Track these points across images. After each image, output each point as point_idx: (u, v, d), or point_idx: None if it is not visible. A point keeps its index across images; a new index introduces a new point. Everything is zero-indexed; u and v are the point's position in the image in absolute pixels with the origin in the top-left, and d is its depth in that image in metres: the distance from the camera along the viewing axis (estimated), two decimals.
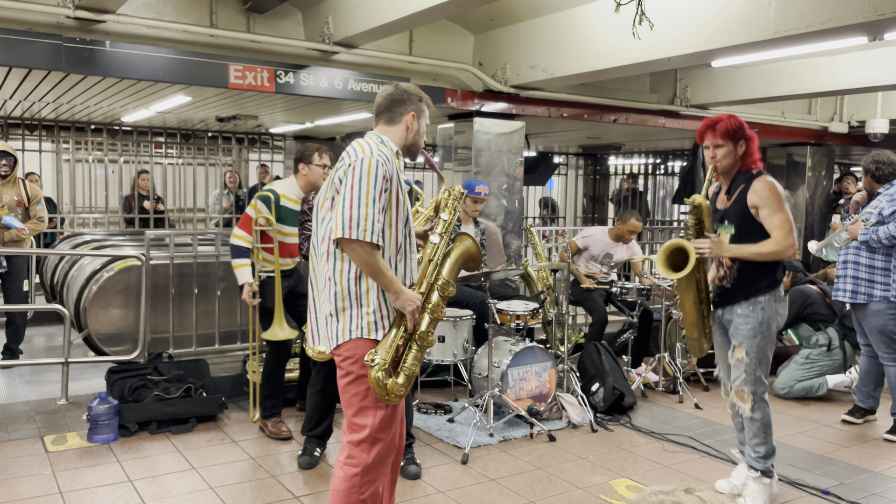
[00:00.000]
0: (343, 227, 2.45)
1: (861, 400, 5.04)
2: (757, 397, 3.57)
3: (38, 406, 4.94)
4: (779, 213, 3.39)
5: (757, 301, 3.50)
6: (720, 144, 3.49)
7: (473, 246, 2.88)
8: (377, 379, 2.49)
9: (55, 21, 4.73)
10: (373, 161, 2.50)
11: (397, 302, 2.56)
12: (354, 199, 2.45)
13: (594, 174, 13.04)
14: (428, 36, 6.18)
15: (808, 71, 6.48)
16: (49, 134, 8.86)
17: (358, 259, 2.49)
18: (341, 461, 2.59)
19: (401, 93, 2.75)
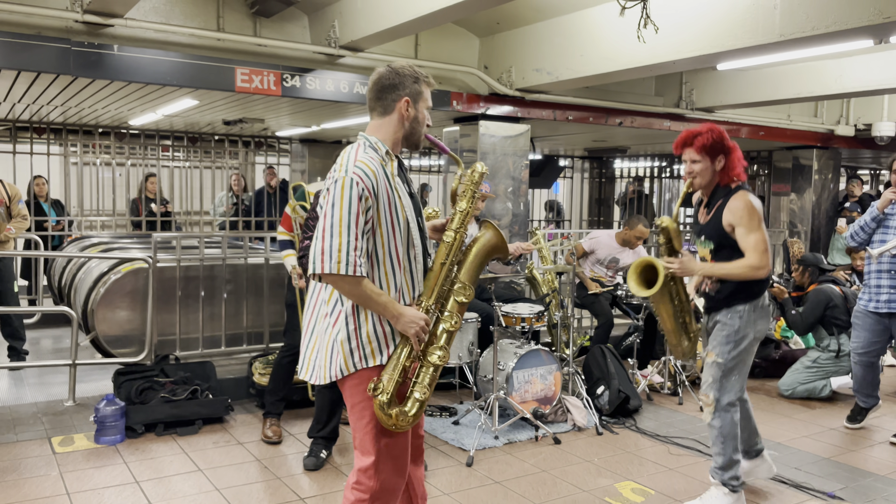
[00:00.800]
0: (314, 261, 2.23)
1: (862, 400, 4.98)
2: (720, 405, 3.51)
3: (45, 407, 4.97)
4: (753, 233, 3.33)
5: (736, 310, 3.47)
6: (697, 160, 3.43)
7: (496, 236, 2.51)
8: (381, 409, 2.29)
9: (64, 25, 4.77)
10: (346, 181, 2.22)
11: (398, 325, 2.32)
12: (326, 228, 2.22)
13: (600, 177, 13.04)
14: (433, 39, 6.21)
15: (814, 74, 6.47)
16: (57, 137, 8.91)
17: (341, 291, 2.30)
18: (350, 484, 2.44)
19: (391, 75, 2.40)
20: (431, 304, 2.39)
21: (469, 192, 2.51)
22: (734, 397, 3.52)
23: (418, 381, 2.36)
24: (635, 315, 5.97)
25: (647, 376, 5.69)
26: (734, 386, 3.52)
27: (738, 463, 3.54)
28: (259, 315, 5.88)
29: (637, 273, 3.57)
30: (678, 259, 3.46)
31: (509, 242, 6.36)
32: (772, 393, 5.81)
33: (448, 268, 2.43)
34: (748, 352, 3.51)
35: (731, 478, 3.54)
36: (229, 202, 9.84)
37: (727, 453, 3.53)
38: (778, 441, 4.69)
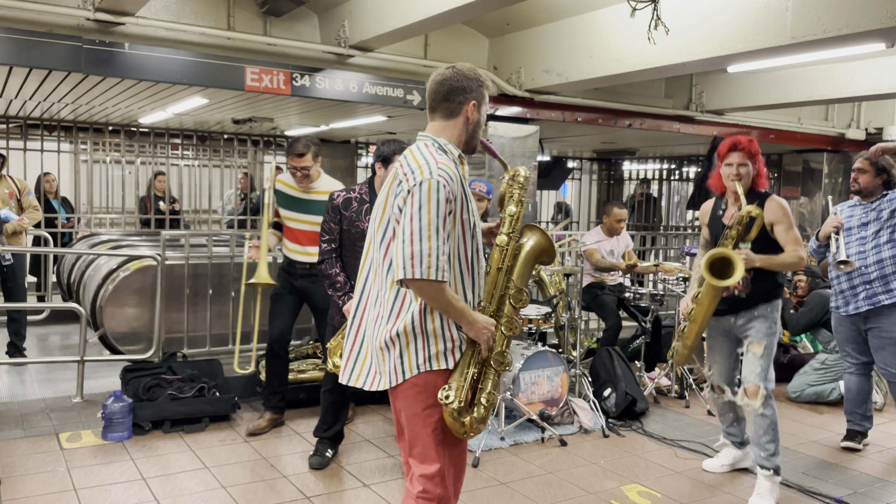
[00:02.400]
0: (404, 266, 2.17)
1: (856, 423, 4.67)
2: (767, 393, 3.77)
3: (53, 403, 4.99)
4: (792, 230, 3.73)
5: (773, 304, 3.81)
6: (745, 164, 3.77)
7: (543, 238, 2.49)
8: (454, 417, 2.26)
9: (75, 23, 4.79)
10: (432, 184, 2.18)
11: (471, 332, 2.28)
12: (415, 232, 2.17)
13: (608, 179, 13.01)
14: (443, 40, 6.21)
15: (826, 77, 6.44)
16: (67, 135, 8.95)
17: (424, 297, 2.23)
18: (414, 493, 2.35)
19: (460, 77, 2.36)
20: (493, 310, 2.38)
21: (517, 196, 2.49)
22: (773, 386, 3.82)
23: (483, 388, 2.34)
24: (643, 318, 5.95)
25: (654, 379, 5.67)
26: (773, 374, 3.82)
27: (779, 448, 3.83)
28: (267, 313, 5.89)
29: (706, 265, 3.65)
30: (743, 251, 3.69)
31: None
32: (780, 397, 5.78)
33: (504, 271, 2.42)
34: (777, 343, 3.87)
35: (779, 463, 3.79)
36: (237, 200, 9.86)
37: (777, 439, 3.79)
38: (786, 445, 4.66)
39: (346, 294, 3.79)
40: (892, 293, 4.32)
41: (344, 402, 4.13)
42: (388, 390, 2.38)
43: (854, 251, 4.41)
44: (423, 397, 2.31)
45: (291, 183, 4.47)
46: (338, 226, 3.88)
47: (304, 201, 4.46)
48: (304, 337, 5.99)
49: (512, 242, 2.43)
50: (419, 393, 2.31)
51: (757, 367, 3.76)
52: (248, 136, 10.03)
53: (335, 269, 3.86)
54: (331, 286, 3.87)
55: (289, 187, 4.48)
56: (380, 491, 3.78)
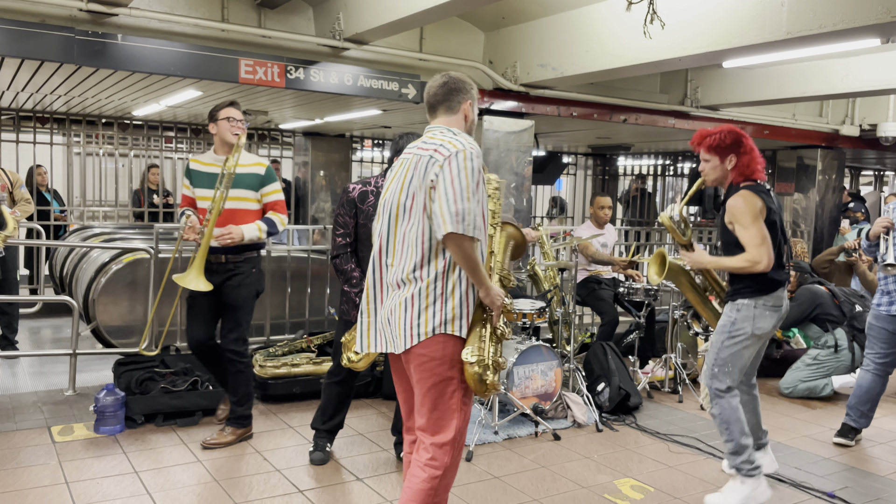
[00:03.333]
0: (452, 221, 2.40)
1: (854, 419, 4.63)
2: (712, 393, 3.65)
3: (45, 397, 4.97)
4: (748, 229, 3.48)
5: (736, 303, 3.62)
6: (707, 159, 3.65)
7: (517, 232, 2.82)
8: (479, 375, 2.45)
9: (68, 14, 4.76)
10: (468, 154, 2.47)
11: (487, 297, 2.52)
12: (458, 192, 2.41)
13: (603, 174, 13.01)
14: (438, 33, 6.18)
15: (820, 73, 6.44)
16: (60, 127, 8.90)
17: (461, 253, 2.44)
18: (422, 461, 2.52)
19: (456, 81, 2.71)
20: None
21: (496, 197, 2.81)
22: (722, 386, 3.64)
23: (497, 352, 2.54)
24: (637, 312, 5.96)
25: (647, 374, 5.68)
26: (726, 377, 3.63)
27: (747, 447, 3.59)
28: (260, 307, 5.87)
29: (656, 264, 3.94)
30: (689, 252, 3.71)
31: None
32: (772, 392, 5.80)
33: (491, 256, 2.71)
34: (745, 346, 3.61)
35: (744, 462, 3.59)
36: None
37: (734, 438, 3.60)
38: (778, 440, 4.68)
39: (363, 290, 3.77)
40: None
41: (349, 395, 4.07)
42: (401, 354, 2.56)
43: None
44: (442, 363, 2.50)
45: (209, 160, 4.11)
46: (353, 220, 3.81)
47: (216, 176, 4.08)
48: (297, 331, 5.99)
49: (497, 232, 2.75)
50: (437, 358, 2.49)
51: (705, 365, 3.71)
52: None
53: (350, 265, 3.80)
54: (346, 282, 3.83)
55: (207, 165, 4.10)
56: (373, 485, 3.77)
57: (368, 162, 11.32)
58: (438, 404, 2.52)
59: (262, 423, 4.64)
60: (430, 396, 2.52)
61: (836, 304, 5.72)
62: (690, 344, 6.01)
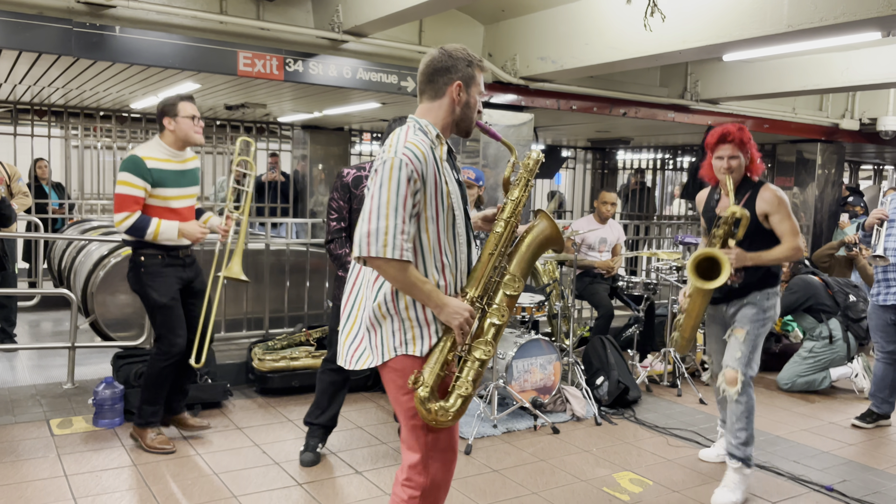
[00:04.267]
0: (360, 243, 2.15)
1: (876, 405, 4.89)
2: (746, 380, 3.68)
3: (44, 390, 4.97)
4: (788, 220, 3.62)
5: (766, 292, 3.71)
6: (736, 156, 3.68)
7: (550, 226, 2.40)
8: (421, 403, 2.21)
9: (65, 6, 4.73)
10: (395, 162, 2.15)
11: (441, 316, 2.22)
12: (373, 209, 2.14)
13: (602, 168, 12.99)
14: (438, 26, 6.15)
15: (821, 66, 6.42)
16: (58, 120, 8.87)
17: (384, 276, 2.20)
18: (400, 480, 2.36)
19: (444, 58, 2.33)
20: (476, 296, 2.29)
21: (523, 180, 2.43)
22: (755, 373, 3.72)
23: (461, 376, 2.26)
24: (636, 306, 5.96)
25: (646, 367, 5.68)
26: (757, 362, 3.72)
27: (754, 438, 3.72)
28: (259, 300, 5.87)
29: (693, 266, 3.61)
30: (733, 250, 3.59)
31: None
32: (771, 386, 5.80)
33: (497, 259, 2.34)
34: (766, 332, 3.74)
35: (751, 452, 3.70)
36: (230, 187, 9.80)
37: (750, 429, 3.70)
38: (777, 434, 4.69)
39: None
40: None
41: (342, 385, 3.98)
42: None
43: (892, 246, 4.56)
44: (401, 382, 2.28)
45: (165, 156, 3.89)
46: (347, 204, 3.80)
47: (184, 173, 3.98)
48: (296, 324, 5.98)
49: (508, 229, 2.37)
50: (397, 378, 2.29)
51: (737, 352, 3.67)
52: (241, 123, 9.95)
53: (345, 250, 3.79)
54: (340, 267, 3.80)
55: (165, 161, 3.88)
56: (372, 478, 3.77)
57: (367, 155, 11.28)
58: (405, 417, 2.33)
59: (260, 417, 4.64)
60: (399, 407, 2.34)
61: (829, 294, 5.74)
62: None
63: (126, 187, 3.78)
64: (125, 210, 3.77)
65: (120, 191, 3.78)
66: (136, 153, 3.84)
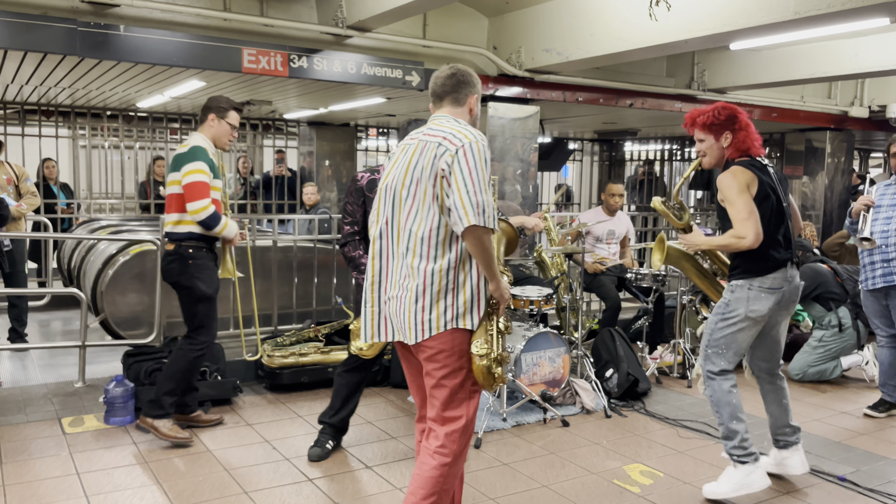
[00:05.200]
0: (473, 214, 2.38)
1: (888, 394, 4.85)
2: (705, 375, 3.59)
3: (55, 389, 5.00)
4: (734, 203, 3.32)
5: (731, 284, 3.52)
6: (701, 139, 3.53)
7: (509, 229, 2.88)
8: (487, 368, 2.48)
9: (70, 5, 4.74)
10: (481, 146, 2.47)
11: (497, 290, 2.53)
12: (476, 184, 2.40)
13: (609, 160, 12.94)
14: (442, 19, 6.14)
15: (829, 54, 6.37)
16: (65, 120, 8.90)
17: (480, 246, 2.43)
18: (432, 449, 2.56)
19: (465, 74, 2.69)
20: None
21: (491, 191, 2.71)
22: (715, 368, 3.54)
23: (501, 345, 2.56)
24: (644, 298, 5.93)
25: (656, 359, 5.66)
26: (719, 358, 3.53)
27: (738, 433, 3.49)
28: (268, 297, 5.88)
29: (659, 249, 3.94)
30: (685, 234, 3.64)
31: None
32: None
33: None
34: (740, 329, 3.48)
35: (734, 447, 3.50)
36: (237, 185, 9.83)
37: (724, 422, 3.52)
38: None
39: (357, 269, 3.78)
40: None
41: (357, 388, 4.00)
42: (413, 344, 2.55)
43: (879, 229, 4.56)
44: (451, 353, 2.50)
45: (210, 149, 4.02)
46: (361, 208, 3.84)
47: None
48: (305, 320, 5.99)
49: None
50: (448, 350, 2.50)
51: (700, 346, 3.69)
52: (247, 120, 9.97)
53: (359, 252, 3.85)
54: (355, 269, 3.88)
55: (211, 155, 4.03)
56: (382, 473, 3.78)
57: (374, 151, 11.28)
58: (449, 394, 2.54)
59: (270, 413, 4.66)
60: (441, 386, 2.54)
61: (838, 282, 5.70)
62: (699, 329, 5.98)
63: (201, 175, 3.86)
64: (204, 197, 3.85)
65: (196, 178, 3.85)
66: (198, 144, 3.94)
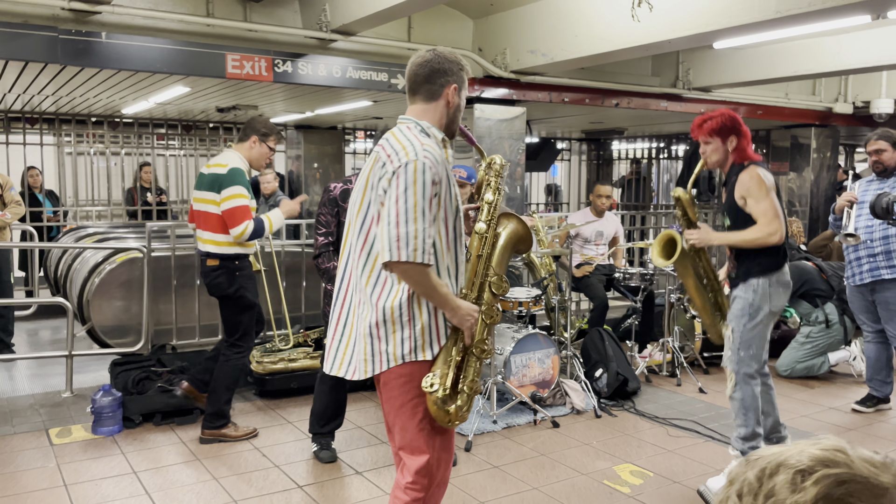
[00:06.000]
0: (390, 248, 2.13)
1: (875, 389, 4.90)
2: (739, 377, 3.62)
3: (42, 399, 4.96)
4: (763, 201, 3.45)
5: (750, 283, 3.57)
6: (708, 142, 3.63)
7: (520, 226, 2.47)
8: (438, 406, 2.23)
9: (50, 13, 4.71)
10: (418, 166, 2.15)
11: (455, 319, 2.25)
12: (401, 214, 2.13)
13: (597, 159, 12.98)
14: (427, 22, 6.13)
15: (812, 51, 6.40)
16: (50, 127, 8.85)
17: (409, 281, 2.19)
18: (402, 485, 2.33)
19: (441, 59, 2.34)
20: (473, 298, 2.35)
21: (494, 184, 2.46)
22: (752, 370, 3.62)
23: (465, 376, 2.30)
24: (633, 297, 5.95)
25: (645, 358, 5.67)
26: (752, 359, 3.62)
27: (759, 436, 3.63)
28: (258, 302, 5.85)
29: (660, 246, 3.77)
30: (696, 229, 3.64)
31: None
32: (771, 373, 5.79)
33: (484, 258, 2.39)
34: (764, 325, 3.60)
35: (752, 448, 3.60)
36: None
37: (750, 424, 3.62)
38: None
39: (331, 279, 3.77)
40: (895, 269, 4.50)
41: (345, 393, 4.05)
42: (373, 378, 2.34)
43: (863, 225, 4.60)
44: (409, 388, 2.27)
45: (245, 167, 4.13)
46: (335, 218, 3.83)
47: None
48: (294, 325, 5.97)
49: (490, 230, 2.41)
50: (405, 384, 2.27)
51: (727, 350, 3.67)
52: (234, 125, 9.93)
53: (332, 263, 3.81)
54: (329, 281, 3.84)
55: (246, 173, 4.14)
56: (372, 478, 3.77)
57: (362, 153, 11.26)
58: (409, 426, 2.31)
59: (260, 419, 4.64)
60: (401, 417, 2.32)
61: (823, 278, 5.74)
62: (688, 327, 6.00)
63: (241, 199, 4.00)
64: (244, 220, 3.99)
65: (236, 203, 3.99)
66: (237, 166, 4.06)
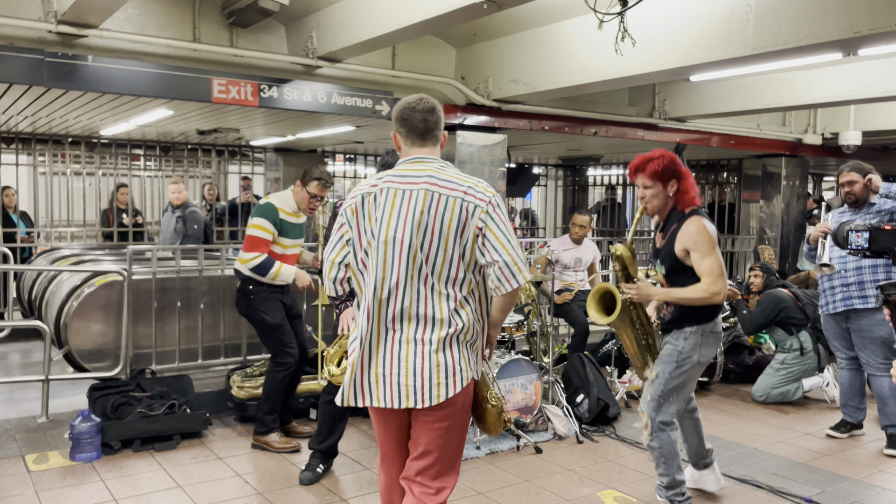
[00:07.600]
0: (520, 273, 2.39)
1: (849, 415, 5.00)
2: (655, 425, 3.55)
3: (18, 424, 4.86)
4: (708, 257, 3.30)
5: (683, 331, 3.48)
6: (649, 186, 3.45)
7: None
8: (498, 413, 2.56)
9: (37, 36, 4.70)
10: (500, 199, 2.47)
11: (496, 332, 2.60)
12: (513, 241, 2.40)
13: (573, 185, 13.14)
14: (411, 50, 6.22)
15: (784, 85, 6.61)
16: (25, 147, 8.75)
17: (511, 301, 2.50)
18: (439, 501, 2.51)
19: (440, 109, 2.56)
20: None
21: None
22: (669, 418, 3.56)
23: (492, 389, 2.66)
24: None
25: (625, 383, 5.74)
26: (671, 407, 3.55)
27: (682, 483, 3.61)
28: (237, 327, 5.82)
29: (596, 300, 3.58)
30: (635, 285, 3.46)
31: None
32: (746, 399, 5.90)
33: None
34: (690, 375, 3.54)
35: (675, 494, 3.61)
36: (203, 211, 9.73)
37: (671, 472, 3.59)
38: (754, 446, 4.76)
39: (344, 302, 3.79)
40: (867, 299, 4.59)
41: (342, 415, 4.08)
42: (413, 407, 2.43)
43: (837, 255, 4.66)
44: (463, 407, 2.49)
45: (290, 210, 4.42)
46: None
47: (299, 226, 4.54)
48: None
49: None
50: (462, 406, 2.48)
51: (647, 395, 3.58)
52: (213, 147, 9.91)
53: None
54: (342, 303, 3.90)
55: (289, 215, 4.41)
56: None
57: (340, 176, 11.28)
58: (460, 446, 2.54)
59: (241, 445, 4.60)
60: (461, 436, 2.52)
61: (799, 306, 5.86)
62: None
63: (260, 231, 4.27)
64: (256, 251, 4.25)
65: (254, 233, 4.27)
66: (272, 202, 4.35)
